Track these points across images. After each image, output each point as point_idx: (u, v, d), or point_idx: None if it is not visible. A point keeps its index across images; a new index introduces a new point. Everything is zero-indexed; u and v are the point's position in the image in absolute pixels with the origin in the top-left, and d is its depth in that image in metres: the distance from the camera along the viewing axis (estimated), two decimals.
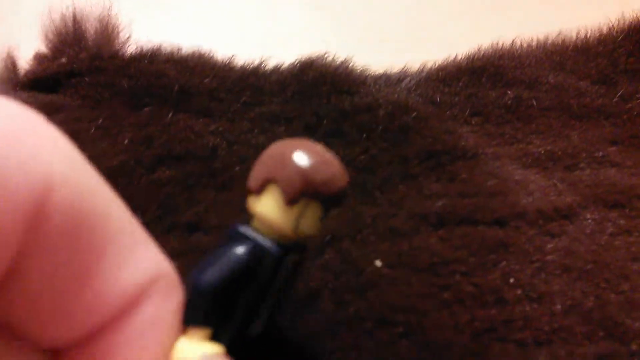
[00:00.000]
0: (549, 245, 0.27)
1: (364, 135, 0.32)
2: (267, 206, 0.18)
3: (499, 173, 0.30)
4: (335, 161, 0.18)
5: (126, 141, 0.30)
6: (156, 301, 0.14)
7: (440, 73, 0.38)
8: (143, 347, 0.14)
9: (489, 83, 0.37)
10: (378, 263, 0.26)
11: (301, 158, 0.17)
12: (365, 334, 0.24)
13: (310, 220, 0.18)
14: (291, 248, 0.18)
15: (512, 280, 0.26)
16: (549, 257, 0.27)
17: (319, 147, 0.18)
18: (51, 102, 0.32)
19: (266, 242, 0.18)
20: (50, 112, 0.31)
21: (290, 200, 0.17)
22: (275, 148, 0.18)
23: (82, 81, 0.33)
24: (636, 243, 0.27)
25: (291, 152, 0.17)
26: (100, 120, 0.31)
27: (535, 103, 0.35)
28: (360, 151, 0.31)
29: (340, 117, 0.32)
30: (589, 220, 0.28)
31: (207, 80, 0.34)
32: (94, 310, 0.13)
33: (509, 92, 0.36)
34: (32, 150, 0.12)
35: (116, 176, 0.28)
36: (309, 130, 0.32)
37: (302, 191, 0.17)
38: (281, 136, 0.32)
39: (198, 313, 0.16)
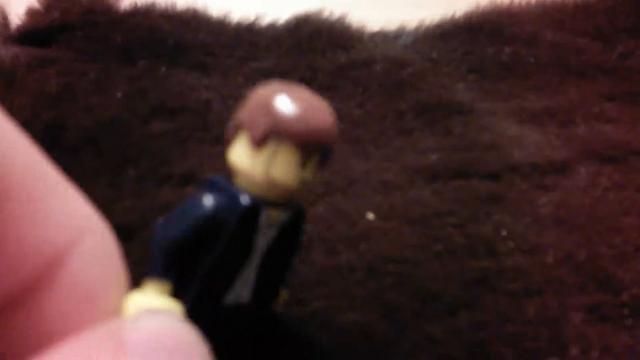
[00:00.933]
0: (542, 199, 0.27)
1: (360, 89, 0.31)
2: (236, 152, 0.16)
3: (493, 128, 0.30)
4: (313, 99, 0.16)
5: (119, 94, 0.30)
6: (87, 255, 0.12)
7: (437, 30, 0.37)
8: (79, 304, 0.12)
9: (487, 40, 0.36)
10: (370, 216, 0.26)
11: (271, 97, 0.16)
12: (356, 283, 0.24)
13: (283, 165, 0.16)
14: (275, 204, 0.16)
15: (504, 232, 0.26)
16: (542, 210, 0.27)
17: (299, 87, 0.16)
18: (43, 56, 0.32)
19: (236, 192, 0.16)
20: (43, 66, 0.31)
21: (256, 141, 0.15)
22: (249, 95, 0.16)
23: (75, 35, 0.33)
24: (629, 197, 0.27)
25: (264, 93, 0.16)
26: (93, 74, 0.31)
27: (532, 59, 0.35)
28: (355, 105, 0.31)
29: (335, 71, 0.32)
30: (583, 175, 0.28)
31: (201, 35, 0.34)
32: (12, 269, 0.11)
33: (506, 49, 0.35)
34: None
35: (109, 129, 0.28)
36: (304, 84, 0.32)
37: (268, 130, 0.15)
38: None
39: (155, 265, 0.15)
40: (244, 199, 0.15)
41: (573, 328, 0.23)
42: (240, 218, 0.15)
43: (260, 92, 0.16)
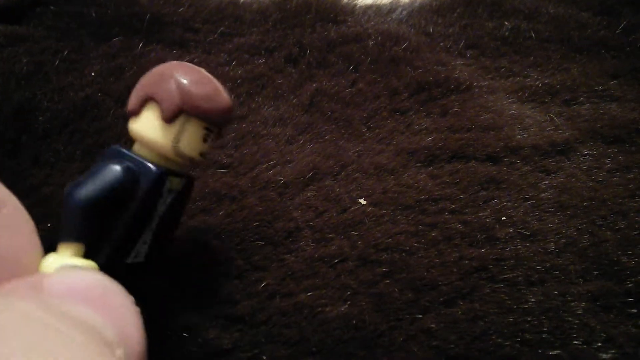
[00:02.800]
0: (544, 182, 0.26)
1: (351, 66, 0.30)
2: (145, 124, 0.18)
3: (493, 107, 0.28)
4: (214, 80, 0.18)
5: (93, 73, 0.28)
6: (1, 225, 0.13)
7: (434, 3, 0.36)
8: None
9: (486, 14, 0.35)
10: (362, 201, 0.25)
11: (179, 75, 0.17)
12: (346, 273, 0.22)
13: (190, 139, 0.18)
14: (174, 173, 0.18)
15: (504, 218, 0.24)
16: (544, 194, 0.25)
17: (199, 68, 0.18)
18: (13, 33, 0.30)
19: (144, 161, 0.17)
20: (13, 44, 0.29)
21: (169, 116, 0.17)
22: (154, 69, 0.18)
23: (47, 11, 0.31)
24: (635, 179, 0.26)
25: (170, 71, 0.17)
26: (66, 52, 0.29)
27: (533, 35, 0.33)
28: (346, 84, 0.29)
29: (325, 47, 0.30)
30: (587, 156, 0.27)
31: (181, 9, 0.32)
32: None
33: (506, 23, 0.34)
34: None
35: (83, 111, 0.27)
36: (291, 61, 0.30)
37: (180, 107, 0.17)
38: (260, 68, 0.30)
39: (69, 228, 0.16)
40: (155, 168, 0.17)
41: (575, 318, 0.22)
42: (152, 185, 0.17)
43: (166, 69, 0.18)
